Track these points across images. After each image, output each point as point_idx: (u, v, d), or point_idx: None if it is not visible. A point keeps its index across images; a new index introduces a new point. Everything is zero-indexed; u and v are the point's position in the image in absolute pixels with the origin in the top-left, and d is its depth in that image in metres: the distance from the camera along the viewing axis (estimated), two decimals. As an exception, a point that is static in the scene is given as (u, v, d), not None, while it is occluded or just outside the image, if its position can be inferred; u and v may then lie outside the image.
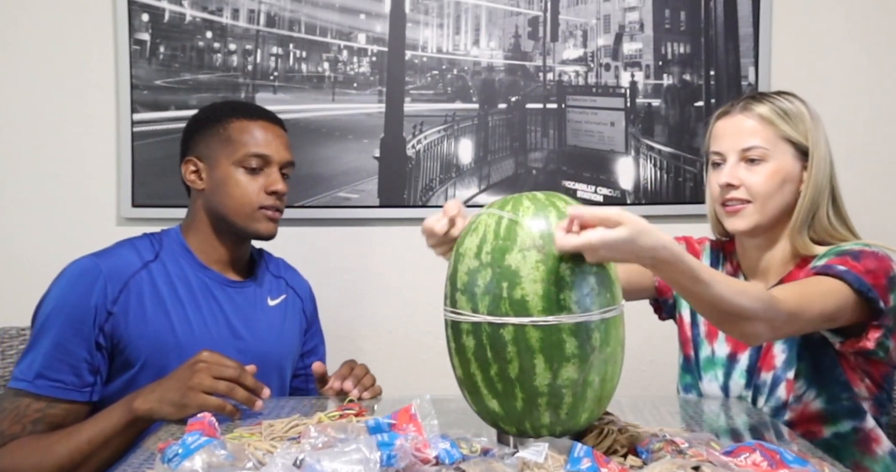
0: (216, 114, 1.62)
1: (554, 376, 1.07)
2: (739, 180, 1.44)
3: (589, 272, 1.08)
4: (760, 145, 1.44)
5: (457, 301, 1.11)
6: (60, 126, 2.08)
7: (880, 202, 2.14)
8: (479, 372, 1.10)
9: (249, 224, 1.57)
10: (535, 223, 1.08)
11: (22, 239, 2.08)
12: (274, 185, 1.57)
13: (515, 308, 1.07)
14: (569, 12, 2.13)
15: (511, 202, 1.12)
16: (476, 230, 1.12)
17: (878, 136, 2.18)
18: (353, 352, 2.06)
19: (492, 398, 1.10)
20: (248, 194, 1.56)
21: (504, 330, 1.07)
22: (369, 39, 2.11)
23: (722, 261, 1.61)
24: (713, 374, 1.53)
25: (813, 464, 0.99)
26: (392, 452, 0.92)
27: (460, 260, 1.12)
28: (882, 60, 2.18)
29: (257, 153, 1.57)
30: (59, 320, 1.47)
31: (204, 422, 1.06)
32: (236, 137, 1.57)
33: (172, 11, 2.07)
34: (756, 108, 1.46)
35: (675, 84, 2.14)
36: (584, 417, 1.12)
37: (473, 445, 1.03)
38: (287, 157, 1.61)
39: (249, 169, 1.56)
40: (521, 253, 1.07)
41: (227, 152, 1.57)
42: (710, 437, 1.10)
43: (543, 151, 2.14)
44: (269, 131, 1.60)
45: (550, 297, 1.06)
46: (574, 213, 1.03)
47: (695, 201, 2.14)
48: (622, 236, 1.02)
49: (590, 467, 0.97)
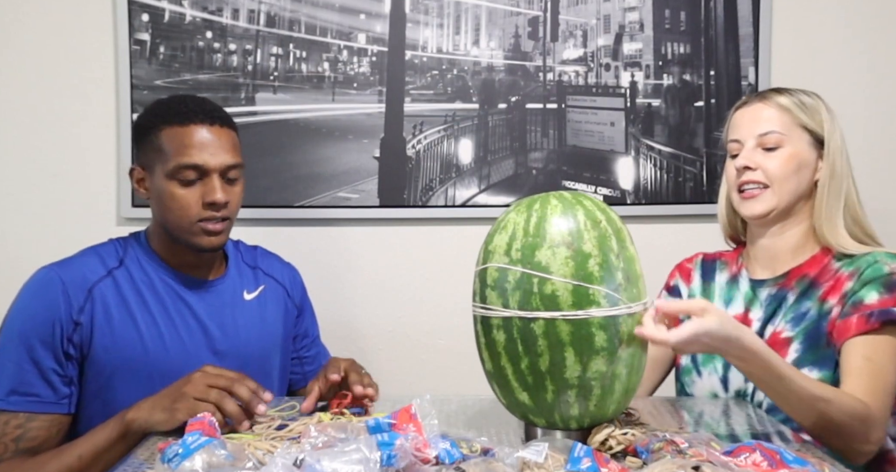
0: (149, 120, 1.51)
1: (584, 369, 1.11)
2: (757, 164, 1.47)
3: (617, 268, 1.13)
4: (777, 130, 1.47)
5: (487, 297, 1.15)
6: (60, 126, 2.08)
7: (881, 202, 2.14)
8: (509, 365, 1.14)
9: (189, 238, 1.48)
10: (564, 221, 1.13)
11: (22, 239, 2.08)
12: (211, 195, 1.45)
13: (546, 303, 1.11)
14: (569, 12, 2.13)
15: (539, 200, 1.16)
16: (505, 228, 1.16)
17: (878, 136, 2.18)
18: (353, 352, 2.06)
19: (522, 390, 1.14)
20: (183, 208, 1.45)
21: (535, 324, 1.11)
22: (369, 39, 2.11)
23: (720, 266, 1.61)
24: (712, 367, 1.54)
25: (813, 464, 0.99)
26: (392, 452, 0.92)
27: (490, 257, 1.16)
28: (882, 60, 2.18)
29: (188, 164, 1.44)
30: (24, 334, 1.42)
31: (204, 422, 1.06)
32: (167, 147, 1.46)
33: (172, 11, 2.07)
34: (775, 97, 1.50)
35: (675, 84, 2.14)
36: (613, 408, 1.16)
37: (473, 445, 1.03)
38: (226, 160, 1.47)
39: (184, 181, 1.45)
40: (550, 250, 1.11)
41: (160, 164, 1.47)
42: (710, 437, 1.10)
43: (543, 151, 2.14)
44: (203, 135, 1.46)
45: (580, 291, 1.10)
46: (660, 305, 1.16)
47: (695, 201, 2.14)
48: (712, 326, 1.15)
49: (590, 466, 0.97)
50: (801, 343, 1.43)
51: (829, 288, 1.44)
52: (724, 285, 1.59)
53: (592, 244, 1.12)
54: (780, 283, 1.50)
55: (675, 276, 1.68)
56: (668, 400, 1.54)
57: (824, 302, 1.44)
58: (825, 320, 1.43)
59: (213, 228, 1.47)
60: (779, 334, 1.46)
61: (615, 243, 1.14)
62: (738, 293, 1.55)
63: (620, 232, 1.16)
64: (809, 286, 1.47)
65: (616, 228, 1.16)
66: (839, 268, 1.45)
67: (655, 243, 2.16)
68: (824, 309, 1.43)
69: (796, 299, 1.47)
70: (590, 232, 1.13)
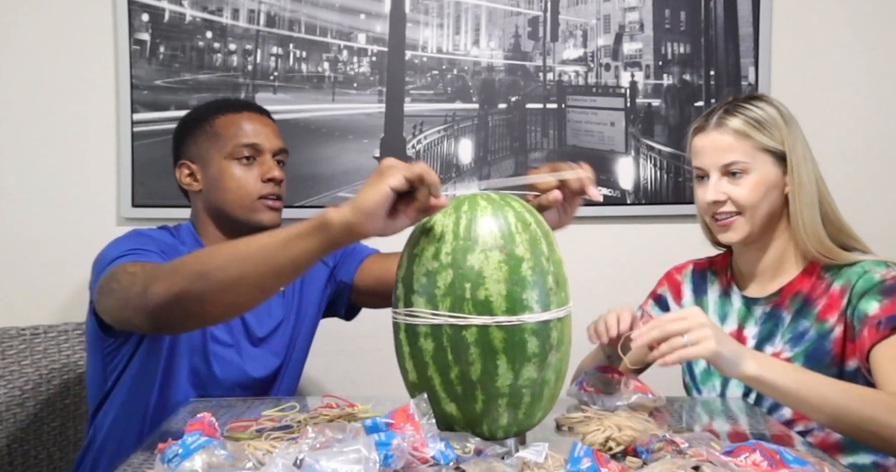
0: (201, 114, 1.62)
1: (515, 377, 1.07)
2: (725, 195, 1.46)
3: (548, 272, 1.09)
4: (740, 160, 1.45)
5: (413, 303, 1.09)
6: (60, 126, 2.08)
7: (879, 202, 2.14)
8: (437, 376, 1.09)
9: (251, 216, 1.56)
10: (496, 223, 1.08)
11: (22, 239, 2.08)
12: (269, 172, 1.56)
13: (479, 309, 1.06)
14: (569, 12, 2.13)
15: (467, 201, 1.11)
16: (432, 231, 1.10)
17: (877, 136, 2.18)
18: (353, 352, 2.06)
19: (450, 401, 1.09)
20: (244, 186, 1.55)
21: (467, 332, 1.06)
22: (369, 39, 2.11)
23: (710, 278, 1.61)
24: (711, 385, 1.54)
25: (813, 464, 0.99)
26: (389, 452, 0.92)
27: (416, 261, 1.10)
28: (882, 60, 2.18)
29: (247, 143, 1.56)
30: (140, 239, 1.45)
31: (204, 422, 1.06)
32: (224, 132, 1.57)
33: (172, 11, 2.07)
34: (729, 122, 1.46)
35: (675, 84, 2.14)
36: (539, 416, 1.13)
37: (466, 445, 1.03)
38: (278, 144, 1.60)
39: (242, 160, 1.55)
40: (483, 253, 1.06)
41: (217, 148, 1.56)
42: (710, 437, 1.10)
43: (543, 151, 2.14)
44: (255, 121, 1.59)
45: (514, 297, 1.06)
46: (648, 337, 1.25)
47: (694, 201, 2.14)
48: None
49: (590, 467, 0.97)
50: (802, 364, 1.42)
51: (826, 306, 1.44)
52: (717, 300, 1.58)
53: (525, 247, 1.07)
54: (774, 301, 1.49)
55: (664, 285, 1.67)
56: (669, 400, 1.54)
57: (824, 321, 1.43)
58: (827, 339, 1.43)
59: (273, 204, 1.57)
60: (778, 354, 1.46)
61: (545, 245, 1.10)
62: (731, 309, 1.55)
63: (549, 235, 1.12)
64: (804, 304, 1.46)
65: (544, 230, 1.12)
66: (831, 282, 1.45)
67: (655, 243, 2.16)
68: (825, 328, 1.43)
69: (792, 318, 1.47)
70: (521, 235, 1.08)
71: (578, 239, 2.16)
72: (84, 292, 1.55)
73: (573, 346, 1.15)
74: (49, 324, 1.84)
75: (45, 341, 1.81)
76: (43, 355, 1.80)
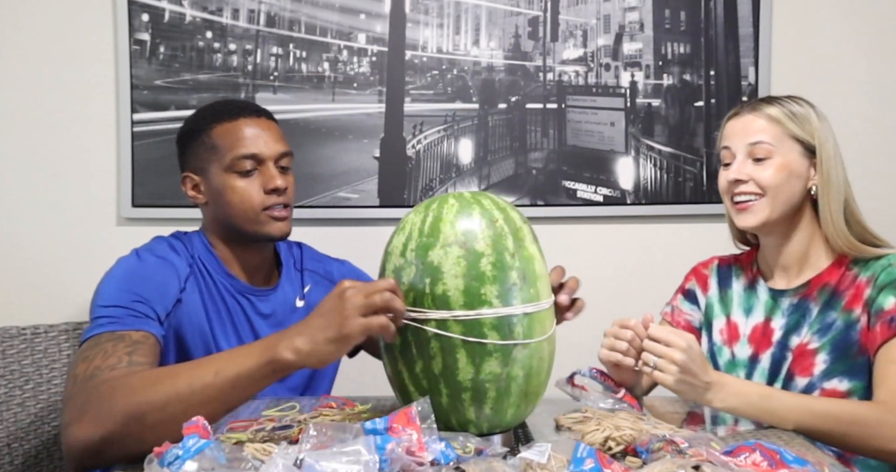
0: (197, 123, 1.55)
1: (476, 371, 1.09)
2: (748, 176, 1.47)
3: (511, 268, 1.11)
4: (767, 141, 1.47)
5: None
6: (60, 126, 2.08)
7: (881, 202, 2.14)
8: (405, 369, 1.13)
9: (258, 229, 1.51)
10: (459, 221, 1.12)
11: (22, 239, 2.08)
12: (272, 182, 1.50)
13: (437, 303, 1.09)
14: (569, 12, 2.13)
15: (437, 200, 1.15)
16: (403, 229, 1.15)
17: (878, 135, 2.18)
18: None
19: (419, 395, 1.12)
20: (247, 200, 1.50)
21: (427, 326, 1.10)
22: (369, 39, 2.11)
23: (736, 272, 1.61)
24: (735, 375, 1.54)
25: (813, 464, 0.99)
26: (384, 456, 0.93)
27: (388, 259, 1.16)
28: (882, 60, 2.18)
29: (245, 154, 1.50)
30: (141, 274, 1.41)
31: (199, 426, 1.06)
32: (221, 143, 1.51)
33: (172, 11, 2.07)
34: (765, 108, 1.50)
35: (675, 84, 2.14)
36: (511, 412, 1.14)
37: (467, 445, 1.03)
38: (279, 148, 1.53)
39: (243, 172, 1.50)
40: (443, 249, 1.10)
41: (216, 161, 1.51)
42: (710, 437, 1.10)
43: (543, 151, 2.14)
44: (254, 127, 1.52)
45: (472, 291, 1.09)
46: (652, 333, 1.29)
47: (695, 201, 2.14)
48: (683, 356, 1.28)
49: (593, 467, 0.97)
50: (829, 354, 1.43)
51: (852, 297, 1.44)
52: (742, 292, 1.59)
53: (486, 243, 1.10)
54: (802, 293, 1.50)
55: (692, 280, 1.67)
56: (669, 400, 1.54)
57: (850, 312, 1.44)
58: (853, 329, 1.43)
59: (279, 214, 1.52)
60: (805, 345, 1.46)
61: (511, 242, 1.12)
62: (757, 302, 1.55)
63: (519, 231, 1.14)
64: (832, 296, 1.47)
65: (514, 227, 1.13)
66: (857, 274, 1.46)
67: (655, 242, 2.16)
68: (851, 318, 1.43)
69: (820, 309, 1.47)
70: (484, 231, 1.11)
71: (578, 239, 2.17)
72: (84, 292, 1.55)
73: (572, 344, 1.16)
74: (49, 324, 1.84)
75: (45, 341, 1.80)
76: (43, 355, 1.80)
